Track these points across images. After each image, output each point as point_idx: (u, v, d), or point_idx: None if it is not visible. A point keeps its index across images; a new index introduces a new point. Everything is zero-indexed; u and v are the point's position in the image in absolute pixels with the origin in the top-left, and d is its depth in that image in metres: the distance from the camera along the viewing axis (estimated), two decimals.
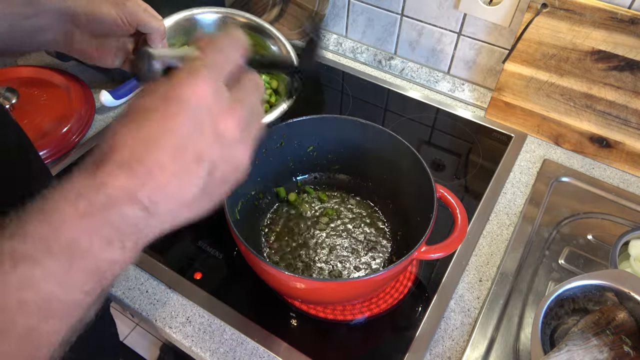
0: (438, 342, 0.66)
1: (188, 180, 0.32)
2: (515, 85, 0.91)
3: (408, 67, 1.07)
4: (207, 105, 0.32)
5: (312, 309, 0.68)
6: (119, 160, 0.31)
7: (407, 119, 0.98)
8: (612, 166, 0.90)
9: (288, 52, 0.82)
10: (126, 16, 0.60)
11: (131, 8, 0.60)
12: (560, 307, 0.62)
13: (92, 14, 0.56)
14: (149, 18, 0.62)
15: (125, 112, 0.33)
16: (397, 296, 0.70)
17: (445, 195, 0.65)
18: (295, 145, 0.77)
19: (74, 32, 0.58)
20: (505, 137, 0.94)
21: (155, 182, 0.31)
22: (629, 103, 0.83)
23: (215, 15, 0.81)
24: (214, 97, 0.33)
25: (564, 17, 0.81)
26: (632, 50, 0.78)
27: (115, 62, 0.68)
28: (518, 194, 0.84)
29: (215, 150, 0.33)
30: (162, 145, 0.31)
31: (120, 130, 0.32)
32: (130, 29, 0.61)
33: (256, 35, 0.83)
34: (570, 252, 0.76)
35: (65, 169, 0.85)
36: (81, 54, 0.62)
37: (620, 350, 0.56)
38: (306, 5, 1.02)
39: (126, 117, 0.33)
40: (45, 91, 0.93)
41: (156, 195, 0.31)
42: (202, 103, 0.32)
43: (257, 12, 1.09)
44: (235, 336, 0.66)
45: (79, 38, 0.59)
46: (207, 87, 0.33)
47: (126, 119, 0.32)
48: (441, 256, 0.61)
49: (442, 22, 0.98)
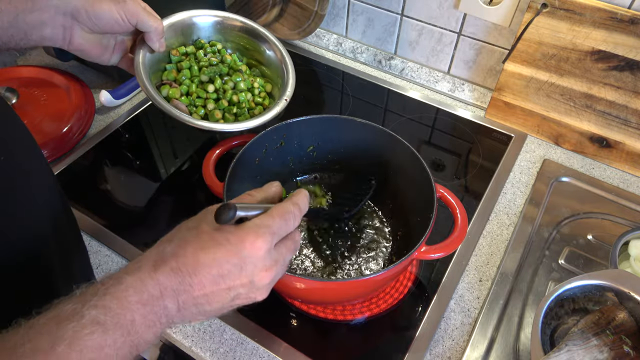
0: (438, 342, 0.66)
1: (214, 301, 0.42)
2: (515, 85, 0.91)
3: (408, 67, 1.07)
4: (255, 260, 0.42)
5: (312, 309, 0.68)
6: (176, 267, 0.40)
7: (407, 119, 0.98)
8: (612, 166, 0.90)
9: (282, 56, 0.82)
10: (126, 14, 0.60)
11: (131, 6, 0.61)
12: (560, 307, 0.62)
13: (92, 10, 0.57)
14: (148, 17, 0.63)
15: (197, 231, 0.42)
16: (397, 296, 0.70)
17: (445, 195, 0.65)
18: (295, 145, 0.77)
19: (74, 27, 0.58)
20: (505, 137, 0.94)
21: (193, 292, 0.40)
22: (629, 103, 0.83)
23: (213, 19, 0.81)
24: (263, 256, 0.42)
25: (564, 17, 0.81)
26: (632, 50, 0.78)
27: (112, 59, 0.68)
28: (518, 194, 0.84)
29: (244, 289, 0.43)
30: (209, 270, 0.40)
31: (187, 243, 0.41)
32: (129, 26, 0.62)
33: (251, 39, 0.84)
34: (570, 252, 0.76)
35: (65, 168, 0.85)
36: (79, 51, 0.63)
37: (620, 350, 0.56)
38: (306, 5, 1.02)
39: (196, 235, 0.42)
40: (45, 91, 0.93)
41: (189, 301, 0.40)
42: (253, 256, 0.42)
43: (257, 12, 1.09)
44: (235, 336, 0.66)
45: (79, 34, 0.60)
46: (262, 247, 0.42)
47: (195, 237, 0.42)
48: (441, 256, 0.61)
49: (442, 22, 0.98)
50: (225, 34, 0.83)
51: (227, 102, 0.76)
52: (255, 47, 0.84)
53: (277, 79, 0.82)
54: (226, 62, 0.80)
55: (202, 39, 0.81)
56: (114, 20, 0.60)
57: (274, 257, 0.44)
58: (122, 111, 0.96)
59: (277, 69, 0.82)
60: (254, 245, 0.42)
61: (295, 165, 0.79)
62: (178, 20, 0.78)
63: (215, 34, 0.83)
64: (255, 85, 0.80)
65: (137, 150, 0.90)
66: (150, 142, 0.93)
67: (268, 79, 0.84)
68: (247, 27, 0.83)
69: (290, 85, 0.78)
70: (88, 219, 0.77)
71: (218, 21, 0.82)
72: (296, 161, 0.79)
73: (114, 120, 0.94)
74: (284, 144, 0.75)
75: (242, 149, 0.68)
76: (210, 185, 0.66)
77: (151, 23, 0.64)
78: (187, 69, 0.76)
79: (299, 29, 1.07)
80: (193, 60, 0.78)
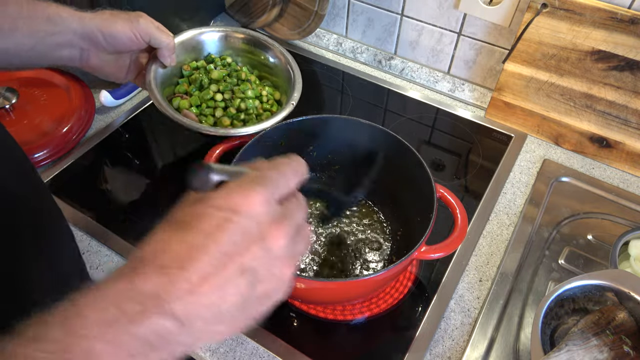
0: (438, 342, 0.66)
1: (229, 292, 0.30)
2: (515, 85, 0.91)
3: (408, 67, 1.07)
4: (256, 216, 0.31)
5: (312, 309, 0.68)
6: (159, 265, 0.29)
7: (407, 119, 0.97)
8: (612, 166, 0.90)
9: (287, 61, 0.85)
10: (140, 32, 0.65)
11: (144, 24, 0.65)
12: (560, 307, 0.62)
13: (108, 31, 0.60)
14: (160, 34, 0.68)
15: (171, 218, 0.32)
16: (397, 296, 0.70)
17: (445, 195, 0.65)
18: (295, 145, 0.77)
19: (90, 49, 0.62)
20: (505, 137, 0.94)
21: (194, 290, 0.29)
22: (629, 103, 0.83)
23: (218, 34, 0.87)
24: (264, 208, 0.32)
25: (564, 17, 0.81)
26: (632, 50, 0.78)
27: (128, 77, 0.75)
28: (518, 194, 0.84)
29: (260, 263, 0.31)
30: (208, 253, 0.29)
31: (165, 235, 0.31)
32: (142, 43, 0.66)
33: (256, 49, 0.88)
34: (570, 252, 0.76)
35: (65, 168, 0.85)
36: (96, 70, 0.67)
37: (620, 350, 0.56)
38: (306, 5, 1.02)
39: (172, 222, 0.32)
40: (45, 91, 0.93)
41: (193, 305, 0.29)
42: (252, 213, 0.31)
43: (257, 12, 1.09)
44: (235, 336, 0.66)
45: (95, 54, 0.64)
46: (258, 198, 0.32)
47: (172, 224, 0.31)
48: (441, 256, 0.61)
49: (442, 22, 0.98)
50: (234, 48, 0.89)
51: (235, 109, 0.80)
52: (260, 56, 0.89)
53: (285, 85, 0.85)
54: (235, 74, 0.84)
55: (213, 54, 0.88)
56: (128, 38, 0.64)
57: (279, 210, 0.33)
58: (122, 111, 0.96)
59: (284, 74, 0.86)
60: (247, 198, 0.31)
61: None
62: (187, 38, 0.84)
63: (225, 49, 0.89)
64: (263, 93, 0.84)
65: (137, 150, 0.90)
66: (150, 142, 0.93)
67: (277, 87, 0.88)
68: (250, 37, 0.88)
69: (297, 90, 0.81)
70: (88, 219, 0.77)
71: (223, 35, 0.88)
72: None
73: (114, 120, 0.94)
74: (284, 143, 0.75)
75: (242, 149, 0.68)
76: None
77: (163, 39, 0.68)
78: (198, 81, 0.82)
79: (299, 29, 1.07)
80: (203, 73, 0.83)
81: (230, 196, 0.32)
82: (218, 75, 0.82)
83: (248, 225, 0.31)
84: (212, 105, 0.80)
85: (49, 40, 0.56)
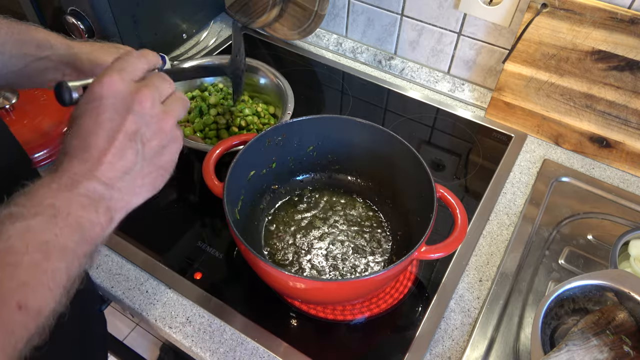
0: (438, 342, 0.66)
1: (128, 154, 0.41)
2: (515, 85, 0.91)
3: (408, 67, 1.07)
4: (117, 94, 0.41)
5: (312, 309, 0.68)
6: (70, 154, 0.40)
7: (407, 119, 0.98)
8: (612, 166, 0.90)
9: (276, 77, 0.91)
10: None
11: None
12: (560, 307, 0.62)
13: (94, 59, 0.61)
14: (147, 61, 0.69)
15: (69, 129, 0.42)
16: (397, 296, 0.70)
17: (445, 195, 0.65)
18: (295, 145, 0.77)
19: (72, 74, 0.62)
20: (505, 137, 0.94)
21: (102, 161, 0.40)
22: (629, 103, 0.83)
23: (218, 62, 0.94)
24: (120, 86, 0.41)
25: (564, 17, 0.81)
26: (632, 50, 0.78)
27: None
28: (518, 194, 0.84)
29: (139, 125, 0.41)
30: (97, 134, 0.40)
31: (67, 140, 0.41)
32: None
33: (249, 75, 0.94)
34: (570, 252, 0.76)
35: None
36: None
37: (620, 350, 0.56)
38: (306, 5, 1.02)
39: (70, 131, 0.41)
40: (45, 91, 0.93)
41: (108, 171, 0.40)
42: (113, 92, 0.41)
43: (257, 12, 1.09)
44: (235, 336, 0.66)
45: None
46: (114, 80, 0.41)
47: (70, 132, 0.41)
48: (441, 256, 0.61)
49: (442, 22, 0.98)
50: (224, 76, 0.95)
51: (237, 127, 0.86)
52: (251, 79, 0.94)
53: (278, 101, 0.91)
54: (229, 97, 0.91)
55: (206, 82, 0.95)
56: None
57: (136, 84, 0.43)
58: None
59: (274, 90, 0.92)
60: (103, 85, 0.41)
61: (295, 165, 0.79)
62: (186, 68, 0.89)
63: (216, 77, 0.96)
64: (259, 109, 0.90)
65: None
66: None
67: (269, 103, 0.94)
68: None
69: (290, 101, 0.87)
70: None
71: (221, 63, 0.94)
72: (296, 161, 0.79)
73: None
74: (284, 144, 0.75)
75: (243, 149, 0.68)
76: (210, 185, 0.66)
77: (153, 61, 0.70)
78: (197, 109, 0.88)
79: (299, 29, 1.07)
80: (200, 100, 0.90)
81: (91, 90, 0.41)
82: (216, 100, 0.89)
83: (114, 102, 0.41)
84: (214, 128, 0.86)
85: (35, 65, 0.58)
